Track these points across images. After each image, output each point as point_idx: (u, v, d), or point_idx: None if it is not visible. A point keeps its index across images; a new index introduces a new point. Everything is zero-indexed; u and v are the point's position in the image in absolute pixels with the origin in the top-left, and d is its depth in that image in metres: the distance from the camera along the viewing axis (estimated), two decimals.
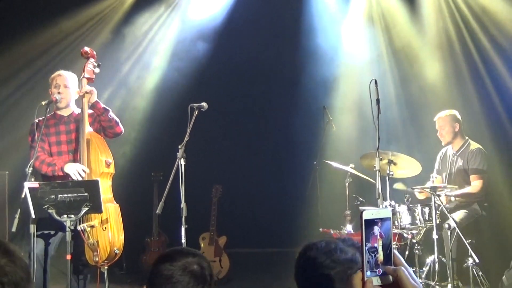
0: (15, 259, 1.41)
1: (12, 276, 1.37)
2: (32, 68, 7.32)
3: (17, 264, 1.41)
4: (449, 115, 5.80)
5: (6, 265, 1.37)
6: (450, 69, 7.10)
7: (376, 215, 1.29)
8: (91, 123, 4.80)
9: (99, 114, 4.78)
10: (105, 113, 4.78)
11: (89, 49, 4.98)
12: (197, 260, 1.89)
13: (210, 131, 7.65)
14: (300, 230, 6.86)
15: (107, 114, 4.78)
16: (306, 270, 1.55)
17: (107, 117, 4.78)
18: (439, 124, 5.82)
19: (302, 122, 7.67)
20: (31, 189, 4.12)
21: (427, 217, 5.22)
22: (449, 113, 5.82)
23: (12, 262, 1.40)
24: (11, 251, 1.43)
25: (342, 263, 1.49)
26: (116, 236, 4.54)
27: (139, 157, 7.57)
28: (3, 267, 1.37)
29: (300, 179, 7.33)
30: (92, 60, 4.91)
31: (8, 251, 1.42)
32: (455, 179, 5.72)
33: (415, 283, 1.26)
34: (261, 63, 7.98)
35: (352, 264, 1.50)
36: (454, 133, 5.76)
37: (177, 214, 4.54)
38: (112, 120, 4.80)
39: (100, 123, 4.83)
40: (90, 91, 4.75)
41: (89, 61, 4.89)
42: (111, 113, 4.82)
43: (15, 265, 1.40)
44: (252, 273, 7.28)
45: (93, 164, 4.62)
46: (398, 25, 7.48)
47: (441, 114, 5.83)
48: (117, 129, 4.89)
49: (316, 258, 1.53)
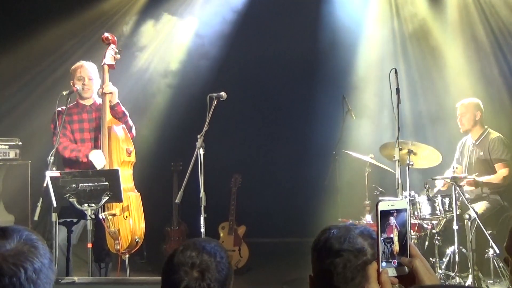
0: (37, 246, 1.43)
1: (34, 263, 1.39)
2: (53, 58, 7.40)
3: (40, 251, 1.43)
4: (472, 103, 5.75)
5: (28, 252, 1.40)
6: (472, 57, 6.99)
7: (392, 206, 1.29)
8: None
9: (118, 118, 4.82)
10: (123, 118, 4.82)
11: (110, 34, 4.99)
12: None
13: (229, 121, 7.65)
14: (319, 220, 6.83)
15: (124, 119, 4.83)
16: (317, 252, 1.56)
17: (123, 121, 4.83)
18: (460, 110, 5.77)
19: (321, 111, 7.62)
20: (53, 178, 4.18)
21: (447, 208, 5.17)
22: (472, 101, 5.78)
23: (34, 248, 1.42)
24: (33, 238, 1.45)
25: (350, 251, 1.49)
26: (137, 224, 4.58)
27: (158, 147, 7.61)
28: (25, 253, 1.39)
29: (319, 169, 7.30)
30: (113, 46, 4.91)
31: (31, 239, 1.45)
32: (475, 169, 5.65)
33: (430, 274, 1.26)
34: (280, 53, 7.94)
35: (358, 254, 1.50)
36: (474, 121, 5.70)
37: (196, 204, 4.57)
38: (127, 125, 4.86)
39: None
40: (111, 92, 4.77)
41: (110, 47, 4.90)
42: (128, 118, 4.86)
43: (38, 252, 1.42)
44: (271, 263, 7.30)
45: (114, 152, 4.65)
46: (419, 13, 7.38)
47: (464, 101, 5.80)
48: (129, 135, 4.93)
49: (326, 242, 1.54)
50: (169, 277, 1.81)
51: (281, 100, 8.34)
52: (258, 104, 8.34)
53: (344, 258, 1.47)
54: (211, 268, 1.78)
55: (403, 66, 7.25)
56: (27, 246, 1.42)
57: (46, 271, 1.43)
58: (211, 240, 1.91)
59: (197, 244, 1.83)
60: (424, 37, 7.36)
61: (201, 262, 1.78)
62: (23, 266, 1.38)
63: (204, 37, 7.78)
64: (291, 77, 8.20)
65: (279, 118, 8.41)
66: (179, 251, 1.83)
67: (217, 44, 7.73)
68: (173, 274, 1.79)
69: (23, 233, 1.45)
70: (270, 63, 8.07)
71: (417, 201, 5.23)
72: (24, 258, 1.39)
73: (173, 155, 7.48)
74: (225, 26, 7.71)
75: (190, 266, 1.78)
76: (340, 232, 1.53)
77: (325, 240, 1.54)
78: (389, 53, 7.45)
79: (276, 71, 8.18)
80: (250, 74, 8.12)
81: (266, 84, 8.23)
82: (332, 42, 7.54)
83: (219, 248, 1.85)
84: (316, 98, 7.77)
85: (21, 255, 1.39)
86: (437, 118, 7.03)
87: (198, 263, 1.78)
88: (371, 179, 6.15)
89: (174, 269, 1.79)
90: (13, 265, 1.36)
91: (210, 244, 1.85)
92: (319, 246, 1.55)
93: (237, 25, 7.72)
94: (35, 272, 1.39)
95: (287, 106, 8.36)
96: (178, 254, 1.81)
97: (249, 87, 8.13)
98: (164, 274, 1.84)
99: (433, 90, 7.27)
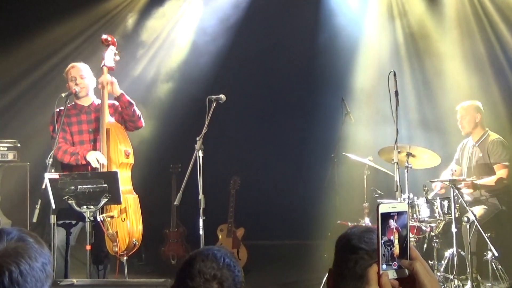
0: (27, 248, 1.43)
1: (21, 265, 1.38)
2: (52, 60, 7.40)
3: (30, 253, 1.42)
4: (472, 105, 5.76)
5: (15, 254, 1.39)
6: (470, 60, 7.01)
7: (392, 208, 1.29)
8: (112, 114, 4.83)
9: (124, 107, 4.80)
10: (130, 107, 4.81)
11: (110, 36, 4.99)
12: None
13: (228, 123, 7.66)
14: (317, 222, 6.85)
15: (131, 108, 4.81)
16: (339, 246, 1.58)
17: (130, 111, 4.81)
18: (461, 113, 5.78)
19: (320, 114, 7.63)
20: (52, 180, 4.18)
21: (446, 210, 5.17)
22: (472, 103, 5.79)
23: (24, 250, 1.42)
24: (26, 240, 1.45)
25: (365, 251, 1.50)
26: (134, 226, 4.58)
27: (157, 149, 7.61)
28: (11, 256, 1.39)
29: (318, 171, 7.31)
30: (113, 48, 4.91)
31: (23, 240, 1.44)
32: (475, 170, 5.66)
33: (431, 277, 1.26)
34: (279, 55, 7.96)
35: (372, 254, 1.51)
36: (474, 123, 5.71)
37: (195, 206, 4.57)
38: (135, 114, 4.84)
39: (122, 115, 4.86)
40: (110, 82, 4.77)
41: (109, 48, 4.89)
42: (135, 107, 4.85)
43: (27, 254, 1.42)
44: (269, 265, 7.30)
45: (112, 154, 4.65)
46: (418, 16, 7.40)
47: (464, 104, 5.81)
48: (139, 123, 4.93)
49: (348, 237, 1.56)
50: (185, 281, 1.87)
51: (281, 103, 8.35)
52: (258, 107, 8.35)
53: (357, 256, 1.49)
54: (229, 281, 1.87)
55: (402, 69, 7.26)
56: (16, 248, 1.41)
57: (37, 274, 1.41)
58: (228, 252, 1.97)
59: (217, 256, 1.90)
60: (423, 40, 7.37)
61: (221, 275, 1.87)
62: (8, 268, 1.37)
63: (204, 40, 7.78)
64: (291, 80, 8.20)
65: (278, 120, 8.41)
66: (199, 260, 1.89)
67: (216, 46, 7.73)
68: (191, 280, 1.86)
69: (14, 235, 1.44)
70: (269, 65, 8.08)
71: (416, 204, 5.23)
72: (10, 260, 1.38)
73: (172, 157, 7.48)
74: (224, 29, 7.72)
75: (211, 277, 1.86)
76: (363, 231, 1.55)
77: (348, 236, 1.56)
78: (388, 55, 7.46)
79: (275, 74, 8.18)
80: (249, 77, 8.13)
81: (265, 87, 8.24)
82: (331, 45, 7.55)
83: (236, 262, 1.95)
84: (315, 101, 7.78)
85: (8, 257, 1.38)
86: (436, 120, 7.04)
87: (219, 276, 1.86)
88: (370, 182, 6.15)
89: (193, 276, 1.86)
90: (5, 263, 1.36)
91: (229, 257, 1.93)
92: (342, 241, 1.58)
93: (237, 28, 7.73)
94: (21, 275, 1.38)
95: (286, 109, 8.37)
96: (199, 263, 1.88)
97: (249, 89, 8.13)
98: (181, 279, 1.90)
99: (432, 92, 7.27)
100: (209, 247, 1.98)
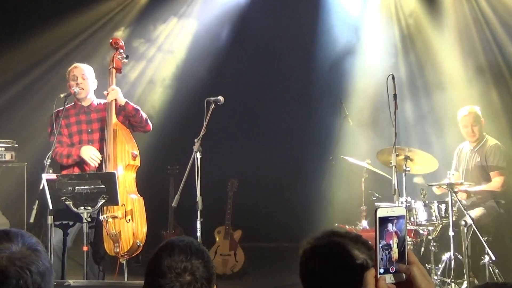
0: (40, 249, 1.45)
1: (39, 267, 1.40)
2: (49, 61, 7.40)
3: (42, 254, 1.45)
4: (476, 111, 5.66)
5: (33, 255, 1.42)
6: (469, 64, 7.01)
7: (390, 213, 1.29)
8: (116, 115, 4.81)
9: (131, 116, 4.80)
10: (137, 114, 4.81)
11: (119, 39, 5.02)
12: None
13: (227, 125, 7.65)
14: (315, 225, 6.84)
15: (138, 115, 4.81)
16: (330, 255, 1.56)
17: (138, 118, 4.82)
18: (468, 121, 5.63)
19: (318, 117, 7.64)
20: (49, 180, 4.17)
21: (443, 214, 5.17)
22: (475, 109, 5.67)
23: (38, 252, 1.44)
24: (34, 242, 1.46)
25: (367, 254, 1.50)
26: (139, 228, 4.56)
27: (155, 150, 7.59)
28: (31, 256, 1.41)
29: (316, 174, 7.31)
30: (121, 51, 4.93)
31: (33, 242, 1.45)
32: (472, 175, 5.65)
33: (428, 281, 1.26)
34: (278, 58, 7.96)
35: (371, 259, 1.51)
36: (482, 128, 5.67)
37: (193, 208, 4.56)
38: (142, 119, 4.84)
39: (130, 121, 4.86)
40: (113, 89, 4.75)
41: (118, 51, 4.91)
42: (141, 113, 4.85)
43: (41, 255, 1.44)
44: (267, 267, 7.28)
45: (118, 155, 4.63)
46: (417, 20, 7.41)
47: (469, 111, 5.65)
48: (147, 128, 4.94)
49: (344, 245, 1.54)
50: (156, 280, 1.81)
51: (279, 105, 8.35)
52: (256, 109, 8.34)
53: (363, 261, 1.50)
54: (200, 270, 1.82)
55: (401, 73, 7.26)
56: (31, 249, 1.43)
57: (49, 274, 1.44)
58: (191, 239, 1.92)
59: (183, 247, 1.85)
60: (422, 43, 7.38)
61: (192, 266, 1.81)
62: (29, 269, 1.38)
63: (202, 41, 7.78)
64: (289, 83, 8.20)
65: (276, 123, 8.41)
66: (165, 255, 1.83)
67: (215, 48, 7.73)
68: (162, 278, 1.80)
69: (25, 236, 1.46)
70: (268, 68, 8.08)
71: (414, 207, 5.23)
72: (30, 261, 1.40)
73: (170, 158, 7.46)
74: (223, 32, 7.73)
75: (182, 270, 1.80)
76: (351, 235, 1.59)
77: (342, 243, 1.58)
78: (387, 59, 7.46)
79: (274, 77, 8.19)
80: (248, 79, 8.13)
81: (264, 89, 8.24)
82: (330, 48, 7.55)
83: (202, 247, 1.89)
84: (313, 104, 7.78)
85: (27, 258, 1.40)
86: (434, 123, 7.04)
87: (190, 267, 1.81)
88: (368, 185, 6.15)
89: (163, 273, 1.80)
90: (20, 268, 1.37)
91: (194, 245, 1.88)
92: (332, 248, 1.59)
93: (236, 30, 7.74)
94: (40, 275, 1.40)
95: (285, 111, 8.36)
96: (166, 258, 1.82)
97: (247, 92, 8.13)
98: (151, 279, 1.84)
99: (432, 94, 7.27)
100: (171, 239, 1.92)
